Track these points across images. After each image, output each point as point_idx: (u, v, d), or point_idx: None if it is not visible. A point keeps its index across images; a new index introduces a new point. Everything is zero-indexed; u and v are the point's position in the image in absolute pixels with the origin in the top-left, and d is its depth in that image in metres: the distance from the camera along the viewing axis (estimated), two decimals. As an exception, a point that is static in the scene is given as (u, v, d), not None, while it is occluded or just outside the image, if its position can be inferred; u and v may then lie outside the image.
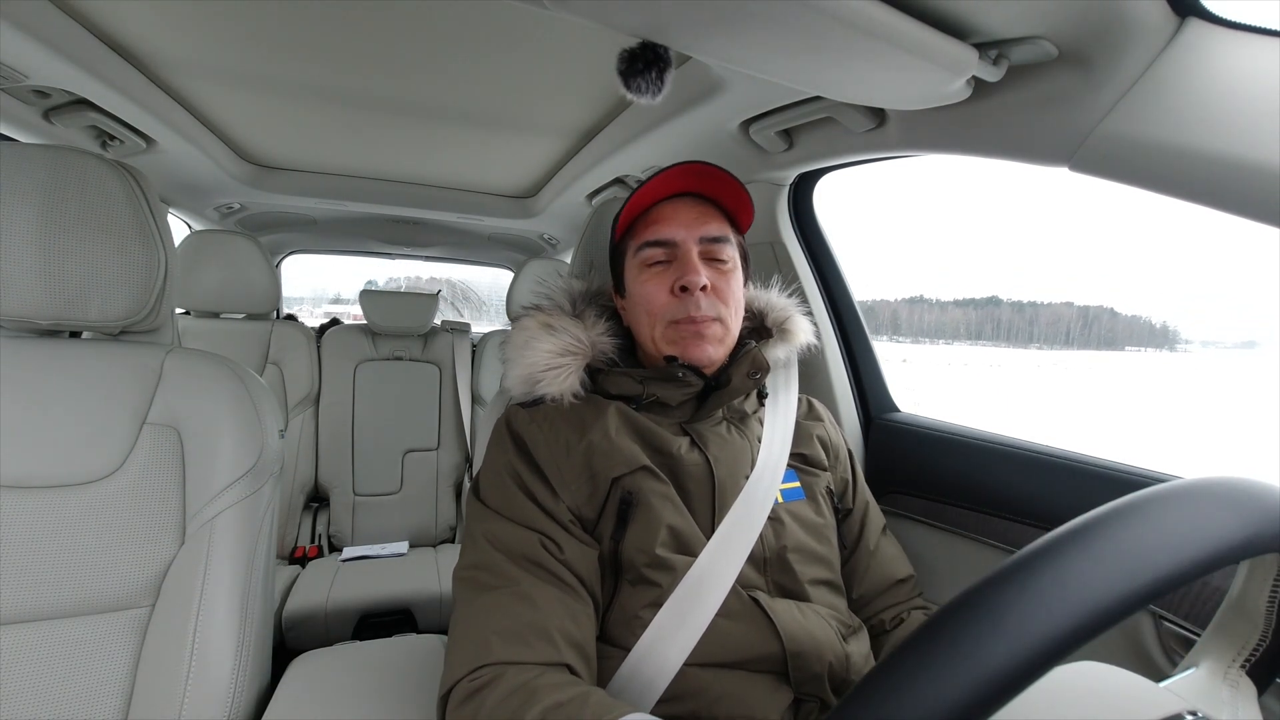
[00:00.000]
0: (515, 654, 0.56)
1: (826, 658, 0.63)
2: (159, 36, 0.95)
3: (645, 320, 0.74)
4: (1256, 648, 0.39)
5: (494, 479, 0.69)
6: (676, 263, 0.72)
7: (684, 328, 0.71)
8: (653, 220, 0.73)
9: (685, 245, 0.71)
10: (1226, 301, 34.79)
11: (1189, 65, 0.54)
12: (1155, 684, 0.38)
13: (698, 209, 0.74)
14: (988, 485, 0.92)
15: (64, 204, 0.71)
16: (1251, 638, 0.39)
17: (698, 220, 0.73)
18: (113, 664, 0.70)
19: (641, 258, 0.73)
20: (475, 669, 0.56)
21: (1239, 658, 0.39)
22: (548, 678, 0.54)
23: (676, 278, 0.70)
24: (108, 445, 0.73)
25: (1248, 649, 0.39)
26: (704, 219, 0.73)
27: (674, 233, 0.72)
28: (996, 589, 0.26)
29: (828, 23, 0.52)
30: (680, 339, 0.71)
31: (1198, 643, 0.42)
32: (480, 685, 0.55)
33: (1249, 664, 0.39)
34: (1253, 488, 0.32)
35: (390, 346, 2.05)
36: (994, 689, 0.24)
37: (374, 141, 1.42)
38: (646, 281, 0.73)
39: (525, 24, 0.86)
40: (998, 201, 31.19)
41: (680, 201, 0.74)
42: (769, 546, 0.69)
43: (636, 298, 0.74)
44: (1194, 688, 0.39)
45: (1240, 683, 0.39)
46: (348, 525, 1.89)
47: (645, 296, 0.73)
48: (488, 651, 0.56)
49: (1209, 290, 38.53)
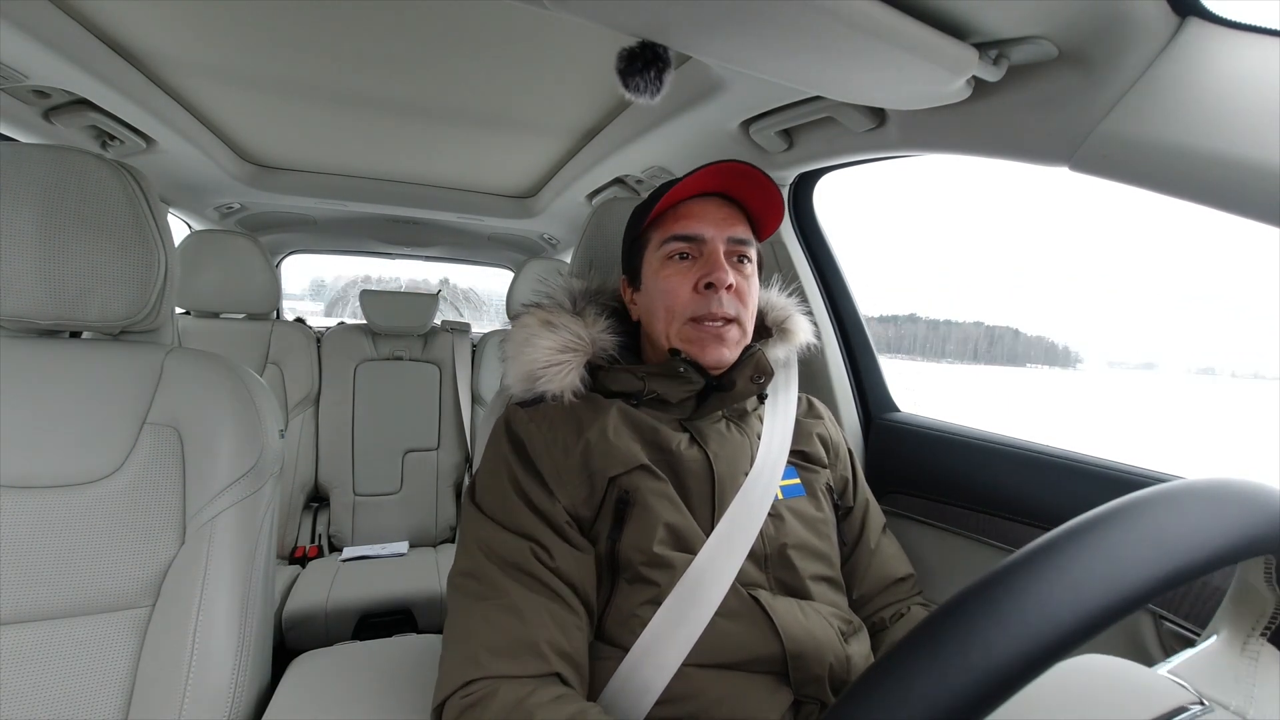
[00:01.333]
0: (505, 668, 0.56)
1: (827, 659, 0.63)
2: (159, 36, 0.95)
3: (662, 315, 0.73)
4: (1275, 615, 0.38)
5: (490, 482, 0.69)
6: (703, 259, 0.71)
7: (704, 327, 0.70)
8: (682, 215, 0.73)
9: (714, 243, 0.71)
10: (1222, 303, 34.60)
11: (1189, 65, 0.54)
12: (1160, 672, 0.38)
13: (726, 209, 0.74)
14: (988, 485, 0.92)
15: (64, 204, 0.71)
16: (1268, 608, 0.39)
17: (727, 220, 0.73)
18: (113, 664, 0.70)
19: (666, 250, 0.73)
20: (466, 683, 0.56)
21: (1258, 627, 0.39)
22: (540, 694, 0.55)
23: (703, 274, 0.70)
24: (108, 445, 0.73)
25: (1265, 617, 0.39)
26: (732, 220, 0.73)
27: (704, 229, 0.72)
28: (996, 588, 0.26)
29: (828, 23, 0.52)
30: (699, 338, 0.71)
31: (1211, 622, 0.41)
32: (473, 702, 0.55)
33: (1269, 630, 0.38)
34: (1252, 488, 0.32)
35: (390, 346, 2.05)
36: (992, 688, 0.24)
37: (374, 141, 1.42)
38: (670, 276, 0.72)
39: (525, 24, 0.86)
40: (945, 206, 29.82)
41: (710, 200, 0.74)
42: (769, 543, 0.69)
43: (656, 291, 0.74)
44: (1202, 671, 0.38)
45: (1262, 653, 0.38)
46: (348, 525, 1.89)
47: (667, 291, 0.72)
48: (476, 666, 0.56)
49: (1206, 292, 38.23)
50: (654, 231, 0.75)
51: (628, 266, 0.81)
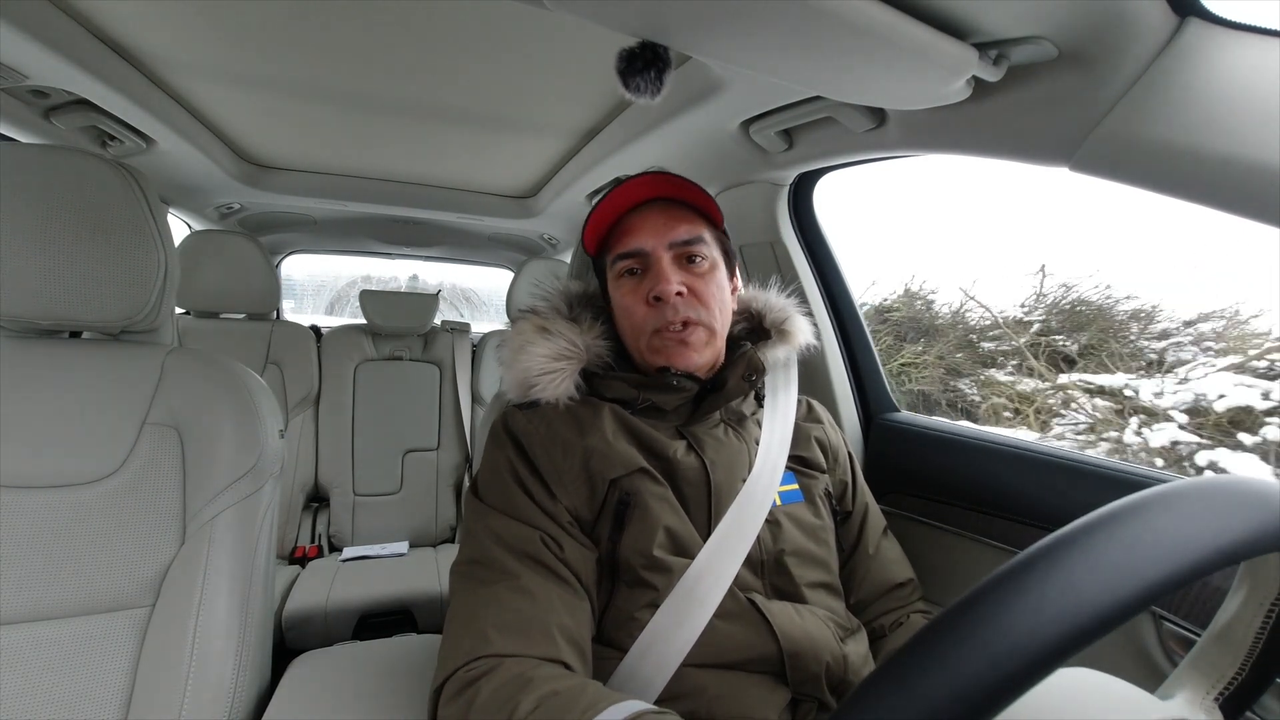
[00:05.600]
0: (513, 647, 0.55)
1: (824, 658, 0.63)
2: (159, 36, 0.95)
3: (629, 333, 0.74)
4: (1232, 681, 0.39)
5: (493, 478, 0.69)
6: (649, 272, 0.71)
7: (666, 336, 0.70)
8: (623, 232, 0.73)
9: (655, 253, 0.71)
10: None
11: (1189, 65, 0.54)
12: (1149, 695, 0.38)
13: (666, 214, 0.73)
14: (988, 485, 0.92)
15: (64, 204, 0.71)
16: (1229, 670, 0.39)
17: (666, 226, 0.72)
18: (113, 664, 0.70)
19: (617, 270, 0.74)
20: (471, 660, 0.55)
21: (1213, 690, 0.39)
22: (545, 669, 0.54)
23: (650, 288, 0.70)
24: (108, 445, 0.73)
25: (1223, 682, 0.39)
26: (672, 224, 0.72)
27: (643, 242, 0.71)
28: (997, 592, 0.26)
29: (828, 23, 0.52)
30: (664, 347, 0.71)
31: (1173, 674, 0.42)
32: (476, 676, 0.54)
33: (1222, 698, 0.39)
34: (1254, 487, 0.32)
35: (390, 346, 2.05)
36: (995, 693, 0.24)
37: (374, 141, 1.42)
38: (625, 295, 0.73)
39: (525, 24, 0.86)
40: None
41: (648, 210, 0.73)
42: (766, 550, 0.68)
43: (619, 311, 0.75)
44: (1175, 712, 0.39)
45: (1214, 714, 0.39)
46: (348, 525, 1.89)
47: (626, 310, 0.73)
48: (485, 644, 0.56)
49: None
50: (606, 253, 0.76)
51: (601, 288, 0.81)
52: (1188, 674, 0.41)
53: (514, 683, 0.52)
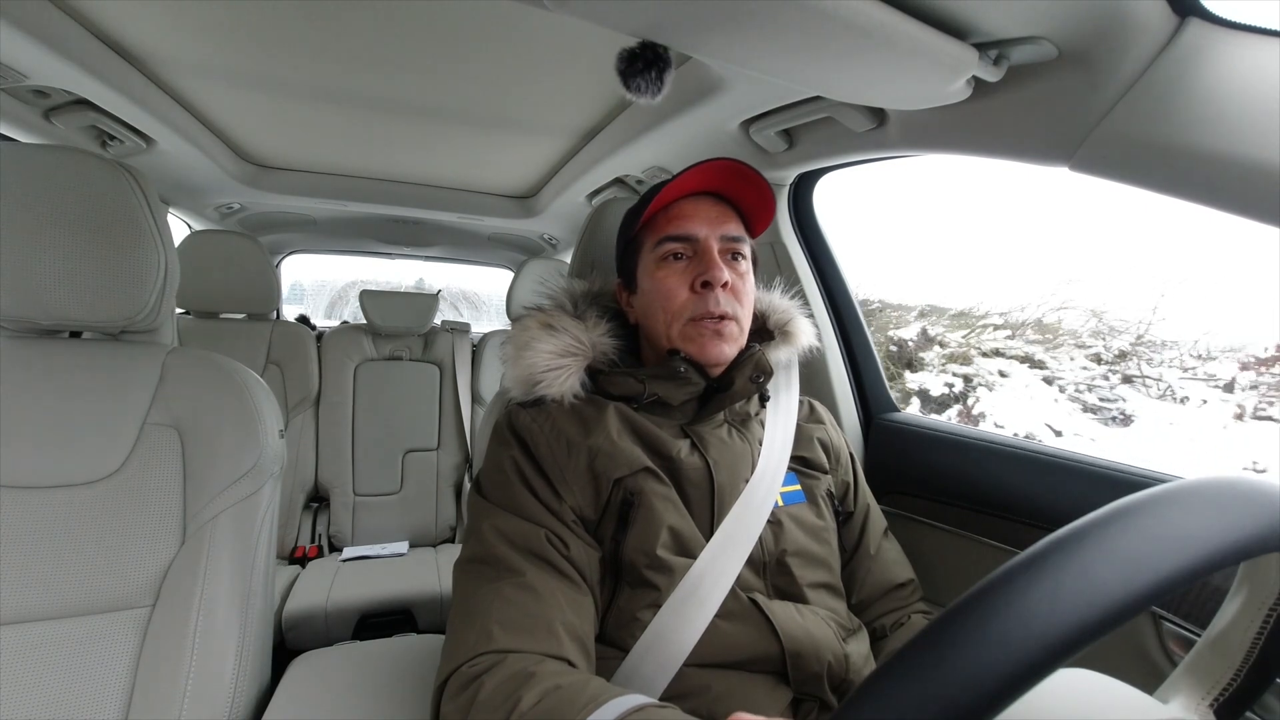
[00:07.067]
0: (517, 643, 0.55)
1: (825, 657, 0.63)
2: (159, 36, 0.95)
3: (661, 316, 0.73)
4: (1228, 686, 0.39)
5: (497, 476, 0.69)
6: (697, 258, 0.71)
7: (703, 325, 0.70)
8: (675, 216, 0.73)
9: (708, 241, 0.71)
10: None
11: (1189, 65, 0.54)
12: (1148, 697, 0.38)
13: (719, 207, 0.74)
14: (988, 485, 0.92)
15: (64, 204, 0.71)
16: (1224, 676, 0.39)
17: (719, 218, 0.73)
18: (113, 664, 0.70)
19: (660, 252, 0.73)
20: (475, 656, 0.55)
21: (1209, 695, 0.39)
22: (548, 665, 0.54)
23: (698, 273, 0.70)
24: (108, 445, 0.73)
25: (1219, 687, 0.39)
26: (725, 218, 0.73)
27: (697, 228, 0.72)
28: (997, 592, 0.26)
29: (828, 23, 0.52)
30: (699, 336, 0.71)
31: (1170, 677, 0.41)
32: (479, 671, 0.54)
33: (1217, 703, 0.39)
34: (1254, 486, 0.32)
35: (390, 346, 2.05)
36: (995, 692, 0.24)
37: (374, 141, 1.42)
38: (666, 277, 0.72)
39: (525, 24, 0.86)
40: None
41: (701, 199, 0.74)
42: (768, 550, 0.68)
43: (653, 293, 0.74)
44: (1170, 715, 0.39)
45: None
46: (348, 525, 1.89)
47: (664, 292, 0.72)
48: (489, 640, 0.56)
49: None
50: (647, 234, 0.75)
51: (622, 269, 0.81)
52: (1184, 678, 0.41)
53: (517, 677, 0.52)
